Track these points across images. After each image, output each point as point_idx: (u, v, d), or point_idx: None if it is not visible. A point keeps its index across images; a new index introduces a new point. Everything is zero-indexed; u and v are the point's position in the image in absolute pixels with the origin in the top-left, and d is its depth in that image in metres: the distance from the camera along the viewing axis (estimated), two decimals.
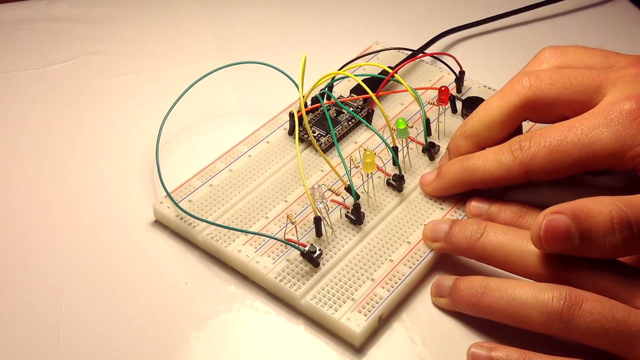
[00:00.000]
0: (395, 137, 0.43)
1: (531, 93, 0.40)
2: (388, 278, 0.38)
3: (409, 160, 0.45)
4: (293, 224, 0.39)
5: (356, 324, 0.36)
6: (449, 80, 0.51)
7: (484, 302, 0.36)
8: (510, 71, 0.43)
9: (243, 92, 0.52)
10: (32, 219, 0.43)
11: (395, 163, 0.43)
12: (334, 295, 0.37)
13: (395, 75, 0.44)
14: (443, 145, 0.45)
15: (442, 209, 0.42)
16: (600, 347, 0.34)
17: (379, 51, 0.53)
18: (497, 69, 0.53)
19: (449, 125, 0.47)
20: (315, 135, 0.46)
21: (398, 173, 0.43)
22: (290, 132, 0.47)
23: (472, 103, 0.47)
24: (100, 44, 0.56)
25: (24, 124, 0.49)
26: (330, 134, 0.45)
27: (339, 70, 0.48)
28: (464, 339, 0.37)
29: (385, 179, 0.43)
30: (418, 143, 0.46)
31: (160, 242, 0.41)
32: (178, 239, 0.42)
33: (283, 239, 0.39)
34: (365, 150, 0.41)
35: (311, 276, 0.38)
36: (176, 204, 0.41)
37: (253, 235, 0.40)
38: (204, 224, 0.40)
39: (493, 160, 0.40)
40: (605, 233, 0.34)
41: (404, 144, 0.44)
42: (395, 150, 0.43)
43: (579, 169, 0.38)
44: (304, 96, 0.41)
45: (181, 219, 0.41)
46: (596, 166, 0.38)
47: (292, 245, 0.39)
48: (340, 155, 0.41)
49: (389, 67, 0.44)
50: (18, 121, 0.50)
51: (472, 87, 0.51)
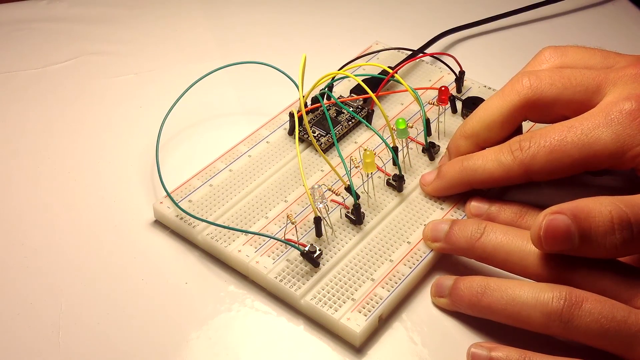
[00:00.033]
0: (395, 137, 0.43)
1: (531, 93, 0.40)
2: (388, 278, 0.38)
3: (409, 160, 0.45)
4: (293, 224, 0.39)
5: (356, 324, 0.36)
6: (449, 80, 0.51)
7: (484, 302, 0.36)
8: (510, 71, 0.43)
9: (243, 92, 0.52)
10: (32, 219, 0.43)
11: (395, 163, 0.43)
12: (334, 295, 0.37)
13: (395, 75, 0.44)
14: (443, 145, 0.45)
15: (442, 209, 0.42)
16: (600, 347, 0.34)
17: (379, 51, 0.53)
18: (497, 69, 0.53)
19: (449, 125, 0.47)
20: (315, 135, 0.46)
21: (398, 173, 0.43)
22: (290, 132, 0.47)
23: (472, 103, 0.47)
24: (100, 44, 0.56)
25: (24, 124, 0.49)
26: (330, 134, 0.45)
27: (339, 70, 0.48)
28: (464, 339, 0.37)
29: (385, 179, 0.43)
30: (418, 143, 0.46)
31: (160, 242, 0.41)
32: (178, 239, 0.42)
33: (283, 239, 0.39)
34: (365, 150, 0.41)
35: (311, 276, 0.38)
36: (176, 204, 0.41)
37: (253, 235, 0.40)
38: (204, 224, 0.40)
39: (493, 160, 0.40)
40: (605, 233, 0.34)
41: (404, 144, 0.44)
42: (395, 150, 0.43)
43: (579, 169, 0.38)
44: (304, 96, 0.41)
45: (181, 219, 0.41)
46: (596, 166, 0.38)
47: (292, 245, 0.39)
48: (340, 155, 0.41)
49: (389, 67, 0.44)
50: (18, 121, 0.50)
51: (472, 87, 0.51)
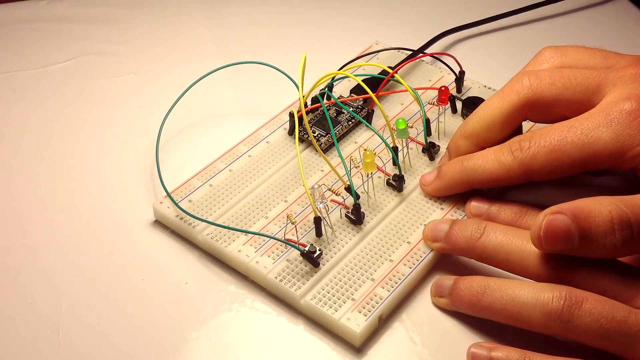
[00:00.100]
0: (395, 137, 0.43)
1: (531, 93, 0.40)
2: (388, 278, 0.38)
3: (409, 160, 0.45)
4: (293, 224, 0.39)
5: (356, 324, 0.36)
6: (449, 80, 0.51)
7: (484, 302, 0.36)
8: (510, 71, 0.43)
9: (243, 92, 0.52)
10: (32, 219, 0.43)
11: (395, 163, 0.43)
12: (334, 295, 0.37)
13: (395, 75, 0.44)
14: (443, 145, 0.45)
15: (442, 209, 0.42)
16: (600, 347, 0.34)
17: (379, 51, 0.53)
18: (497, 69, 0.53)
19: (449, 125, 0.47)
20: (315, 135, 0.46)
21: (398, 173, 0.43)
22: (290, 132, 0.47)
23: (472, 103, 0.47)
24: (100, 44, 0.56)
25: (24, 124, 0.49)
26: (330, 134, 0.45)
27: (339, 70, 0.48)
28: (464, 339, 0.37)
29: (385, 179, 0.43)
30: (418, 143, 0.46)
31: (160, 242, 0.41)
32: (178, 239, 0.42)
33: (283, 239, 0.39)
34: (365, 150, 0.41)
35: (311, 276, 0.38)
36: (176, 204, 0.41)
37: (253, 235, 0.40)
38: (204, 224, 0.40)
39: (493, 160, 0.40)
40: (605, 233, 0.34)
41: (404, 144, 0.44)
42: (395, 150, 0.43)
43: (579, 169, 0.38)
44: (304, 96, 0.41)
45: (181, 219, 0.41)
46: (596, 166, 0.38)
47: (292, 245, 0.39)
48: (340, 155, 0.41)
49: (389, 67, 0.44)
50: (18, 121, 0.50)
51: (472, 87, 0.51)
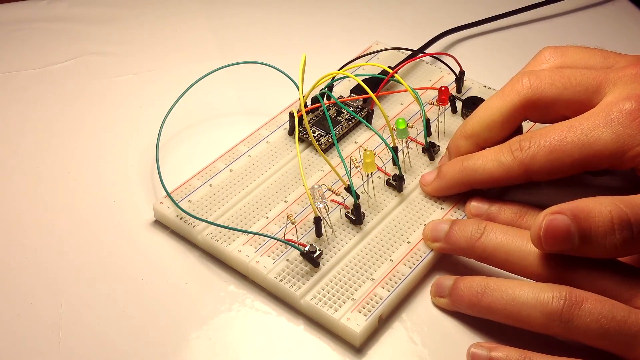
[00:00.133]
0: (395, 137, 0.43)
1: (531, 93, 0.40)
2: (388, 278, 0.38)
3: (409, 160, 0.45)
4: (293, 224, 0.39)
5: (356, 324, 0.36)
6: (449, 80, 0.51)
7: (484, 302, 0.36)
8: (510, 71, 0.43)
9: (243, 92, 0.52)
10: (32, 219, 0.43)
11: (395, 163, 0.43)
12: (334, 295, 0.37)
13: (395, 75, 0.44)
14: (443, 145, 0.45)
15: (442, 209, 0.42)
16: (600, 347, 0.34)
17: (379, 51, 0.53)
18: (497, 69, 0.53)
19: (449, 125, 0.47)
20: (315, 135, 0.46)
21: (398, 173, 0.43)
22: (290, 132, 0.47)
23: (472, 103, 0.47)
24: (100, 44, 0.56)
25: (24, 124, 0.49)
26: (330, 134, 0.45)
27: (339, 70, 0.48)
28: (464, 339, 0.37)
29: (385, 179, 0.43)
30: (418, 143, 0.46)
31: (160, 242, 0.41)
32: (178, 239, 0.42)
33: (283, 239, 0.39)
34: (365, 150, 0.41)
35: (311, 276, 0.38)
36: (176, 204, 0.41)
37: (253, 235, 0.40)
38: (204, 224, 0.40)
39: (493, 160, 0.40)
40: (605, 233, 0.34)
41: (404, 144, 0.44)
42: (395, 150, 0.43)
43: (579, 169, 0.38)
44: (304, 96, 0.41)
45: (181, 219, 0.41)
46: (596, 166, 0.38)
47: (292, 245, 0.39)
48: (340, 155, 0.41)
49: (389, 67, 0.44)
50: (18, 121, 0.50)
51: (472, 87, 0.51)
